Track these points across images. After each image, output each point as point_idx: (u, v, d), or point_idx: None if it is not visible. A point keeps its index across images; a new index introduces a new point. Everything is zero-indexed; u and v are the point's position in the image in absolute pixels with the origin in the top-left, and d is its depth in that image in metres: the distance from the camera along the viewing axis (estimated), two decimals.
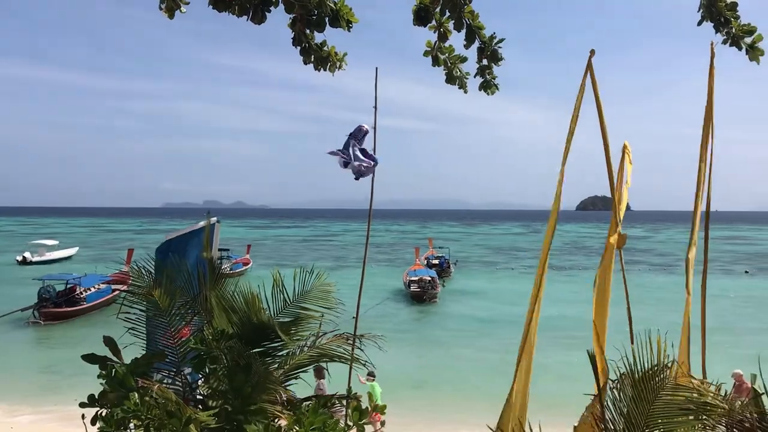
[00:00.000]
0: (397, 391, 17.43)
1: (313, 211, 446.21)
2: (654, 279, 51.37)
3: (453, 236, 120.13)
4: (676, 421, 4.69)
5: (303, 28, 4.18)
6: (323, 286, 6.03)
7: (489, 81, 4.90)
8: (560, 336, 24.01)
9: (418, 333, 31.66)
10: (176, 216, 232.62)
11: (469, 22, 4.47)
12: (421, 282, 40.25)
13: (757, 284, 50.73)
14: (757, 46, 4.95)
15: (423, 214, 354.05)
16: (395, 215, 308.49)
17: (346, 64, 4.60)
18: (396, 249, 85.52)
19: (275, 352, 5.61)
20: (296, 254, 76.49)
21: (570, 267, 62.45)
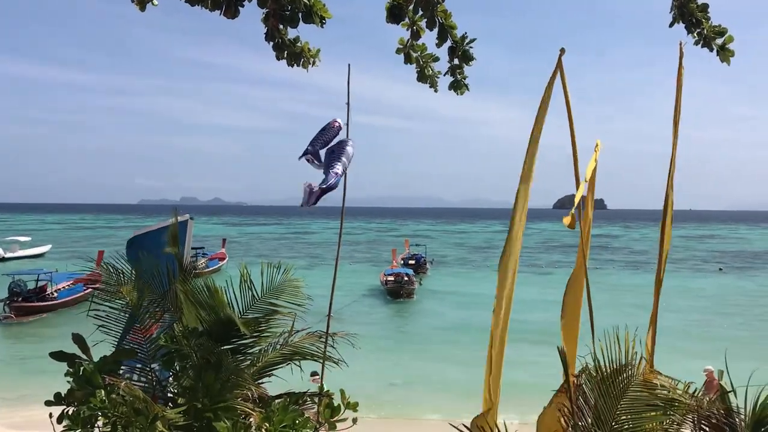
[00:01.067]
0: (372, 387, 17.46)
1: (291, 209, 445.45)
2: (627, 276, 52.02)
3: (431, 234, 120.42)
4: (644, 417, 4.75)
5: (276, 24, 4.16)
6: (291, 281, 6.00)
7: (460, 81, 4.91)
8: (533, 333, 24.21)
9: (394, 330, 31.74)
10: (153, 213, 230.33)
11: (441, 21, 4.48)
12: (398, 277, 40.40)
13: (730, 282, 51.57)
14: (727, 47, 5.01)
15: (401, 212, 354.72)
16: (373, 213, 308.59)
17: (319, 60, 4.59)
18: (373, 247, 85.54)
19: (246, 349, 5.57)
20: (273, 252, 76.16)
21: (546, 264, 62.96)
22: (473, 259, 71.61)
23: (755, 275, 56.25)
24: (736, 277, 54.82)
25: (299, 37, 4.38)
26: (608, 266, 60.14)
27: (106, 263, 6.18)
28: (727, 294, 43.72)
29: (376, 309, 36.94)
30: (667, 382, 5.06)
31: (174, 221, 6.32)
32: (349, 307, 33.02)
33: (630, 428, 4.73)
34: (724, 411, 5.01)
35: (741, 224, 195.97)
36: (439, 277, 53.01)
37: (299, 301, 5.92)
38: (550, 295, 35.98)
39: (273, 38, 4.23)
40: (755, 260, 71.56)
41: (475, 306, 35.44)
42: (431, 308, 37.58)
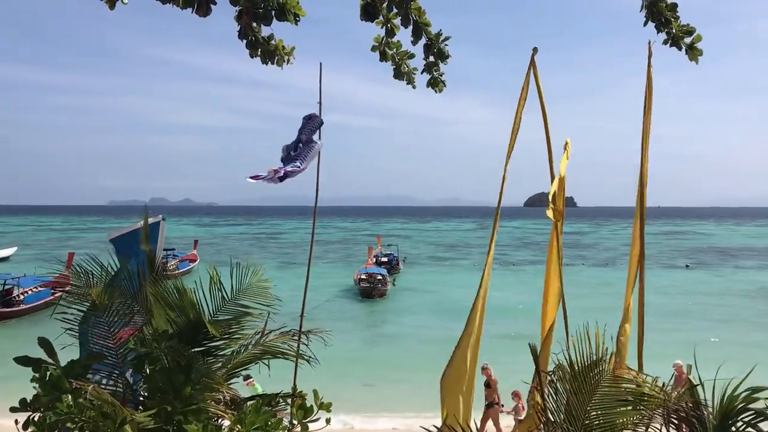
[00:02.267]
0: (345, 387, 17.42)
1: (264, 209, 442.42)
2: (597, 273, 52.64)
3: (404, 233, 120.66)
4: (615, 411, 4.81)
5: (249, 21, 4.12)
6: (260, 282, 5.96)
7: (436, 78, 4.93)
8: (504, 328, 24.38)
9: (366, 328, 31.73)
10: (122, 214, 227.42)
11: (415, 18, 4.48)
12: (370, 278, 40.39)
13: (697, 278, 52.46)
14: (696, 47, 5.08)
15: (375, 211, 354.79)
16: (346, 212, 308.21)
17: (294, 58, 4.57)
18: (347, 246, 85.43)
19: (218, 351, 5.52)
20: (245, 253, 75.63)
21: (518, 262, 63.44)
22: (446, 258, 71.89)
23: (721, 271, 57.33)
24: (703, 273, 55.80)
25: (273, 34, 4.36)
26: (578, 263, 60.81)
27: (76, 265, 6.08)
28: (694, 290, 44.47)
29: (349, 308, 36.91)
30: (636, 378, 5.13)
31: (144, 219, 6.24)
32: (322, 306, 32.93)
33: (601, 423, 4.79)
34: (692, 404, 5.09)
35: (708, 221, 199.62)
36: (413, 275, 53.11)
37: (268, 301, 5.88)
38: (522, 292, 36.36)
39: (246, 36, 4.20)
40: (722, 256, 72.93)
41: (448, 304, 35.61)
42: (404, 307, 37.63)
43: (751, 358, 6.81)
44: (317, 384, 5.48)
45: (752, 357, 8.35)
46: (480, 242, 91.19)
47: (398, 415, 17.43)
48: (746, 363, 5.43)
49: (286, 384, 6.30)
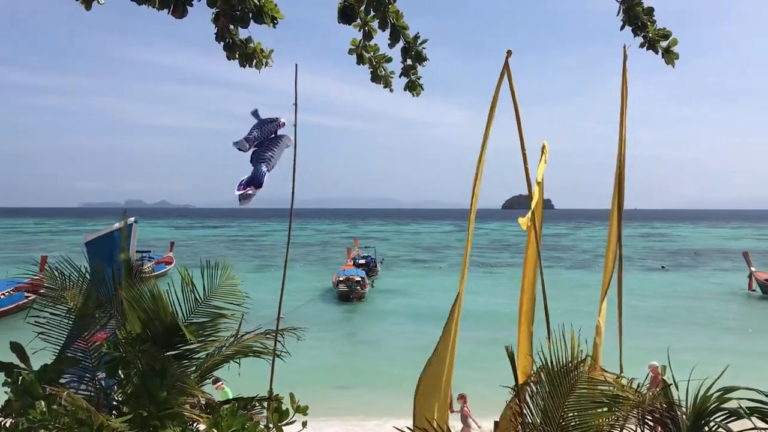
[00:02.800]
0: (322, 388, 17.38)
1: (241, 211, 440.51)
2: (575, 275, 53.07)
3: (383, 235, 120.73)
4: (590, 413, 4.86)
5: (226, 24, 4.09)
6: (229, 279, 5.92)
7: (414, 81, 4.94)
8: (483, 332, 24.47)
9: (344, 331, 31.67)
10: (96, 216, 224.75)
11: (393, 21, 4.49)
12: (348, 281, 40.31)
13: (673, 279, 53.12)
14: (672, 50, 5.15)
15: (353, 213, 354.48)
16: (324, 214, 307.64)
17: (272, 60, 4.55)
18: (326, 249, 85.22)
19: (192, 354, 5.47)
20: (222, 255, 75.11)
21: (495, 264, 63.76)
22: (424, 259, 72.05)
23: (696, 273, 58.11)
24: (679, 275, 56.52)
25: (251, 37, 4.34)
26: (556, 265, 61.26)
27: (50, 267, 5.99)
28: (670, 291, 45.03)
29: (327, 311, 36.81)
30: (612, 379, 5.18)
31: (123, 224, 6.19)
32: (300, 310, 32.81)
33: (577, 425, 4.82)
34: (667, 405, 5.16)
35: (683, 223, 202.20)
36: (391, 277, 53.14)
37: (238, 300, 5.84)
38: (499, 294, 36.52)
39: (224, 38, 4.17)
40: (696, 258, 73.94)
41: (426, 306, 35.68)
42: (382, 309, 37.63)
43: (724, 359, 6.91)
44: (294, 387, 5.45)
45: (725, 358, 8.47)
46: (459, 244, 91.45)
47: (375, 418, 17.43)
48: (719, 364, 5.51)
49: (261, 388, 6.27)
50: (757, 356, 24.55)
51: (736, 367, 6.27)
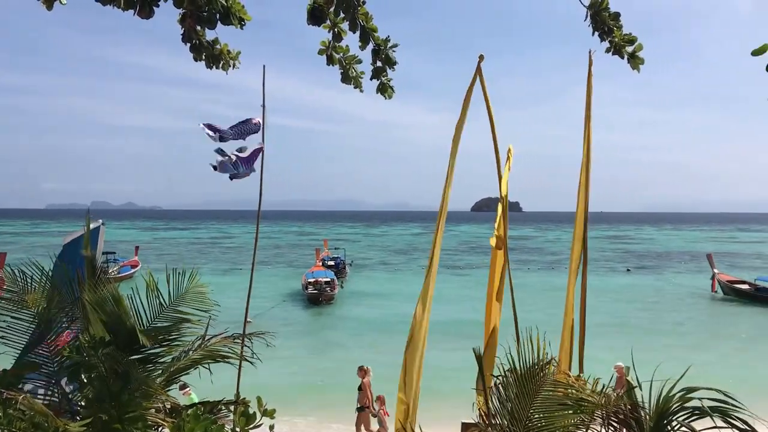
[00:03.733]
0: (291, 392, 17.29)
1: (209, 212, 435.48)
2: (542, 277, 53.59)
3: (352, 237, 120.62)
4: (556, 415, 4.91)
5: (193, 25, 4.05)
6: (197, 287, 5.87)
7: (385, 84, 4.94)
8: (451, 334, 24.58)
9: (313, 334, 31.54)
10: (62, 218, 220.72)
11: (363, 23, 4.49)
12: (317, 284, 40.16)
13: (637, 281, 53.95)
14: (637, 55, 5.22)
15: (322, 215, 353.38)
16: (293, 216, 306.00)
17: (239, 62, 4.51)
18: (294, 250, 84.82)
19: (157, 358, 5.41)
20: (189, 258, 74.35)
21: (465, 266, 64.11)
22: (394, 261, 72.15)
23: (660, 275, 59.09)
24: (643, 277, 57.41)
25: (218, 38, 4.30)
26: (524, 267, 61.82)
27: (11, 269, 5.86)
28: (634, 293, 45.71)
29: (296, 314, 36.62)
30: (577, 381, 5.24)
31: (87, 224, 6.10)
32: (269, 313, 32.60)
33: (543, 426, 4.87)
34: (631, 406, 5.23)
35: (648, 226, 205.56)
36: (360, 279, 53.12)
37: (205, 307, 5.79)
38: (468, 296, 36.73)
39: (190, 40, 4.12)
40: (660, 260, 75.20)
41: (395, 307, 35.72)
42: (351, 311, 37.57)
43: (687, 359, 7.04)
44: (262, 391, 5.41)
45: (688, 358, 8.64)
46: (428, 246, 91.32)
47: (343, 420, 17.39)
48: (682, 364, 5.61)
49: (229, 392, 6.22)
50: (719, 356, 25.08)
51: (698, 367, 6.40)
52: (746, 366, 23.66)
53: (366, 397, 14.69)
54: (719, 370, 20.75)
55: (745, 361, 24.63)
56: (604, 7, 4.80)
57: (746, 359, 25.11)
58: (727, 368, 22.28)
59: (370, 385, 14.78)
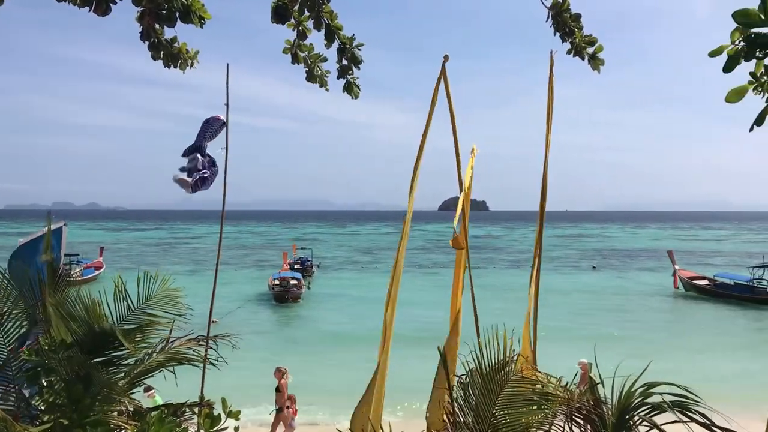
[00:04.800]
0: (256, 394, 17.15)
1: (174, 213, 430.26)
2: (508, 275, 54.14)
3: (320, 237, 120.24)
4: (521, 411, 4.96)
5: (152, 23, 3.99)
6: (169, 291, 5.80)
7: (351, 83, 4.92)
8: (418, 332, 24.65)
9: (279, 335, 31.39)
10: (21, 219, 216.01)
11: (327, 22, 4.47)
12: (283, 282, 39.99)
13: (602, 278, 54.81)
14: (597, 56, 5.30)
15: (290, 215, 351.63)
16: (260, 216, 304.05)
17: (197, 62, 4.46)
18: (261, 251, 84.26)
19: (120, 360, 5.33)
20: (154, 258, 73.42)
21: (432, 265, 64.40)
22: (361, 261, 72.15)
23: (625, 272, 60.10)
24: (608, 274, 58.35)
25: (176, 37, 4.25)
26: (490, 265, 62.36)
27: None
28: (600, 290, 46.43)
29: (262, 314, 36.40)
30: (541, 377, 5.30)
31: (48, 225, 5.98)
32: (234, 313, 32.32)
33: (507, 423, 4.91)
34: (594, 401, 5.31)
35: (612, 224, 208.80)
36: (327, 279, 53.00)
37: (178, 311, 5.73)
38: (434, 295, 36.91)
39: (149, 38, 4.06)
40: (624, 258, 76.49)
41: (362, 307, 35.77)
42: (318, 312, 37.48)
43: (649, 355, 7.17)
44: (227, 392, 5.37)
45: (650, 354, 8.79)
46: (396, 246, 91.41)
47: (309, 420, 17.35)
48: (645, 359, 5.72)
49: (194, 394, 6.15)
50: (680, 351, 25.60)
51: (659, 363, 6.52)
52: (706, 360, 24.21)
53: (283, 398, 14.73)
54: (680, 365, 21.19)
55: (705, 355, 25.20)
56: (565, 8, 4.87)
57: (706, 353, 25.69)
58: (687, 362, 22.76)
59: (287, 386, 14.85)
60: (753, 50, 3.90)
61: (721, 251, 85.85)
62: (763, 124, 4.18)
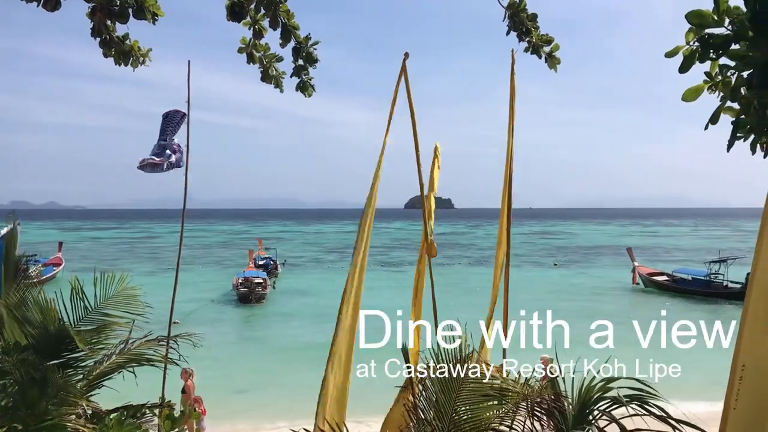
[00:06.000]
0: (219, 395, 17.02)
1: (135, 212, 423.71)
2: (471, 272, 54.55)
3: (286, 235, 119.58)
4: (480, 407, 5.00)
5: (104, 18, 3.91)
6: (127, 290, 5.72)
7: (305, 82, 4.90)
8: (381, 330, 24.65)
9: (243, 335, 31.15)
10: None
11: (284, 20, 4.44)
12: (247, 282, 39.65)
13: (564, 275, 55.57)
14: (554, 55, 5.37)
15: (255, 213, 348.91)
16: (225, 215, 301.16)
17: (150, 60, 4.39)
18: (226, 250, 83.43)
19: (78, 363, 5.23)
20: (114, 258, 72.20)
21: (397, 263, 64.55)
22: (328, 260, 71.99)
23: (586, 268, 61.02)
24: (569, 271, 59.18)
25: (128, 34, 4.17)
26: (455, 262, 62.75)
27: None
28: (561, 287, 47.07)
29: (226, 314, 36.05)
30: (501, 373, 5.36)
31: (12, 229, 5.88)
32: (198, 313, 31.97)
33: (468, 419, 4.96)
34: (554, 396, 5.39)
35: (574, 221, 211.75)
36: (293, 278, 52.72)
37: (138, 310, 5.65)
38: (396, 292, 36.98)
39: (100, 34, 3.98)
40: (585, 254, 77.66)
41: (327, 306, 35.56)
42: (282, 311, 37.24)
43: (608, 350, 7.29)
44: None
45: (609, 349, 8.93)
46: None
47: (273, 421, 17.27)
48: (604, 355, 5.82)
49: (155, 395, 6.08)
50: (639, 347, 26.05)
51: (618, 357, 6.64)
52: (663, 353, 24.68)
53: (189, 400, 14.55)
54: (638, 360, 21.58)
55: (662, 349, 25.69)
56: (522, 8, 4.91)
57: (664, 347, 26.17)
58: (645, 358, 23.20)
59: (193, 387, 14.67)
60: (707, 51, 3.99)
61: (681, 247, 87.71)
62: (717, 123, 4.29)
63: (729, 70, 4.17)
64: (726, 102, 4.18)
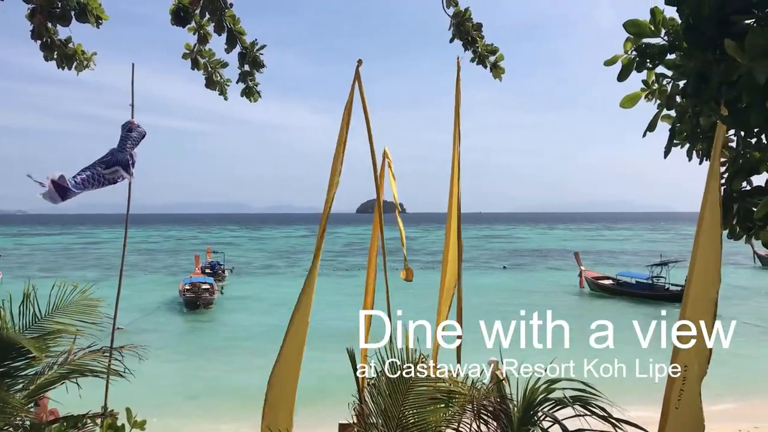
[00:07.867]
0: (167, 402, 16.73)
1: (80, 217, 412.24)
2: (423, 276, 54.82)
3: (235, 240, 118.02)
4: (427, 410, 5.06)
5: (44, 21, 3.82)
6: (87, 301, 5.59)
7: (251, 88, 4.88)
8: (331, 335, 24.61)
9: (191, 342, 30.63)
10: None
11: (230, 26, 4.42)
12: (194, 287, 38.97)
13: (512, 278, 56.37)
14: (499, 65, 5.47)
15: (202, 219, 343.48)
16: (172, 220, 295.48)
17: (94, 64, 4.30)
18: (172, 255, 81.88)
19: (18, 372, 5.09)
20: (57, 264, 70.11)
21: (349, 267, 64.43)
22: (276, 265, 71.33)
23: (534, 272, 62.03)
24: (518, 273, 60.06)
25: (71, 37, 4.08)
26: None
27: None
28: (509, 290, 47.71)
29: (173, 321, 35.39)
30: (448, 376, 5.42)
31: None
32: (143, 319, 31.31)
33: (415, 422, 5.00)
34: (500, 398, 5.49)
35: (522, 225, 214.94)
36: (241, 283, 52.12)
37: (95, 319, 5.54)
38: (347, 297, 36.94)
39: (41, 36, 3.88)
40: (533, 257, 78.93)
41: (276, 312, 35.30)
42: (230, 317, 36.80)
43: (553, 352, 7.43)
44: (136, 401, 5.23)
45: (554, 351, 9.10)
46: (312, 249, 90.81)
47: (225, 424, 17.07)
48: (549, 356, 5.95)
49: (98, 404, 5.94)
50: (583, 349, 26.61)
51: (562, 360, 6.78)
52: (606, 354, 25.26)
53: None
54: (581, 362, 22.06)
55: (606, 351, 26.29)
56: (467, 17, 5.00)
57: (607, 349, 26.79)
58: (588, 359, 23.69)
59: None
60: (644, 60, 4.14)
61: (625, 250, 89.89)
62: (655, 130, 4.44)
63: (665, 78, 4.33)
64: (663, 110, 4.34)
